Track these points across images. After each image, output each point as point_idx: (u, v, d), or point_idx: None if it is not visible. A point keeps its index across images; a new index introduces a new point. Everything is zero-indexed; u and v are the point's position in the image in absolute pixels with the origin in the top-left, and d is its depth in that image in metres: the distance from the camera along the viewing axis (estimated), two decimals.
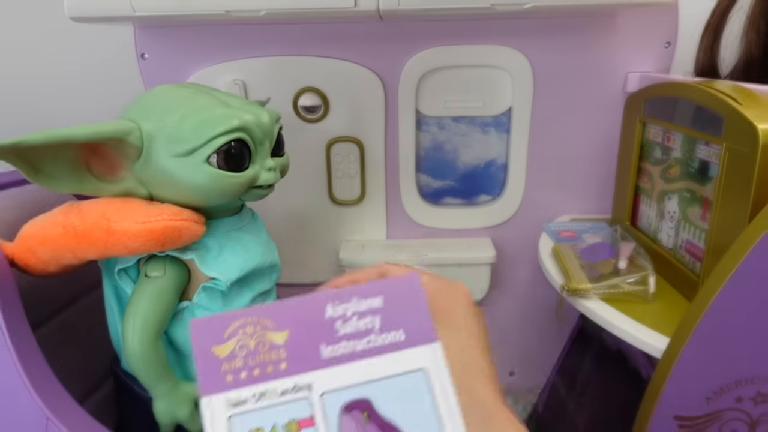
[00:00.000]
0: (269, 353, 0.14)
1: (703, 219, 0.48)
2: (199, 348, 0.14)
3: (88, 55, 0.71)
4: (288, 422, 0.14)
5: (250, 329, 0.14)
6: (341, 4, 0.52)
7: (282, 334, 0.14)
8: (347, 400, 0.14)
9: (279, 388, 0.14)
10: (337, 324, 0.15)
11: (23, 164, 0.37)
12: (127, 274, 0.45)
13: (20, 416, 0.38)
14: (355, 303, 0.15)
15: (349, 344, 0.15)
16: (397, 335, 0.15)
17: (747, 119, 0.40)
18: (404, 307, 0.15)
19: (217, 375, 0.14)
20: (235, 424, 0.14)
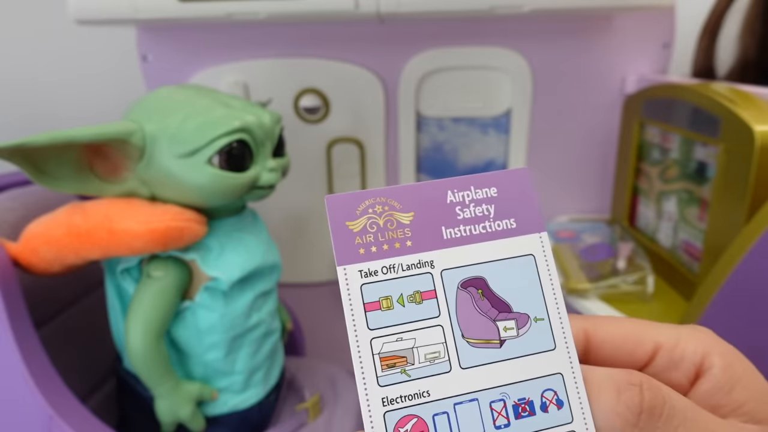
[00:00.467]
0: (396, 231, 0.16)
1: (701, 219, 0.49)
2: (335, 222, 0.15)
3: (91, 57, 0.71)
4: (413, 292, 0.16)
5: (379, 208, 0.16)
6: (342, 7, 0.53)
7: (408, 215, 0.16)
8: (464, 278, 0.16)
9: (405, 263, 0.16)
10: (457, 209, 0.16)
11: (27, 165, 0.37)
12: (130, 274, 0.45)
13: (24, 415, 0.39)
14: (472, 191, 0.16)
15: (466, 228, 0.16)
16: (509, 223, 0.16)
17: (743, 121, 0.41)
18: (516, 197, 0.17)
19: (352, 247, 0.16)
20: (367, 292, 0.15)
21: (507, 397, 0.15)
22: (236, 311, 0.46)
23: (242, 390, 0.48)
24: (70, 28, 0.55)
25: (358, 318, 0.15)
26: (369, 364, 0.15)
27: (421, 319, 0.16)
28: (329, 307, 0.79)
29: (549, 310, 0.16)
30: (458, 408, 0.15)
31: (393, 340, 0.15)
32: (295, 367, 0.61)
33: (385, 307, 0.15)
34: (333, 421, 0.52)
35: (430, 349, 0.15)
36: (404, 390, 0.15)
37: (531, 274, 0.16)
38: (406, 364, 0.15)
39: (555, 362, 0.16)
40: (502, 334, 0.16)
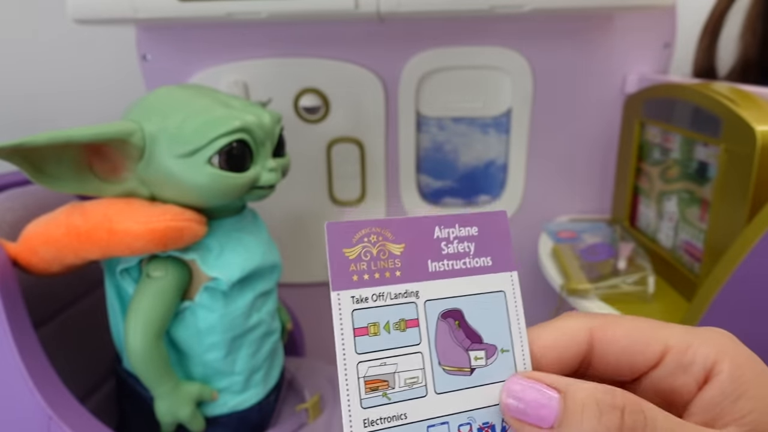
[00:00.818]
0: (388, 261, 0.17)
1: (702, 220, 0.49)
2: (333, 248, 0.17)
3: (90, 57, 0.71)
4: (398, 320, 0.17)
5: (374, 238, 0.17)
6: (342, 6, 0.52)
7: (399, 246, 0.17)
8: (444, 309, 0.17)
9: (393, 292, 0.17)
10: (443, 244, 0.18)
11: (26, 165, 0.37)
12: (129, 274, 0.45)
13: (23, 415, 0.39)
14: (457, 229, 0.18)
15: (449, 263, 0.18)
16: (486, 261, 0.18)
17: (745, 121, 0.41)
18: (494, 237, 0.18)
19: (346, 274, 0.17)
20: (357, 317, 0.17)
21: (473, 421, 0.17)
22: (236, 311, 0.45)
23: (242, 390, 0.48)
24: (70, 27, 0.55)
25: (347, 342, 0.16)
26: (354, 386, 0.16)
27: (404, 345, 0.17)
28: (329, 307, 0.78)
29: (514, 342, 0.18)
30: (431, 430, 0.17)
31: (378, 365, 0.17)
32: (295, 367, 0.61)
33: (373, 333, 0.17)
34: (333, 422, 0.52)
35: (410, 374, 0.17)
36: (384, 412, 0.16)
37: (501, 308, 0.18)
38: (387, 387, 0.17)
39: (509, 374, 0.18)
40: (472, 363, 0.17)
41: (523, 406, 0.16)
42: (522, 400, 0.16)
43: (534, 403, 0.16)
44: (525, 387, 0.17)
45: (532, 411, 0.16)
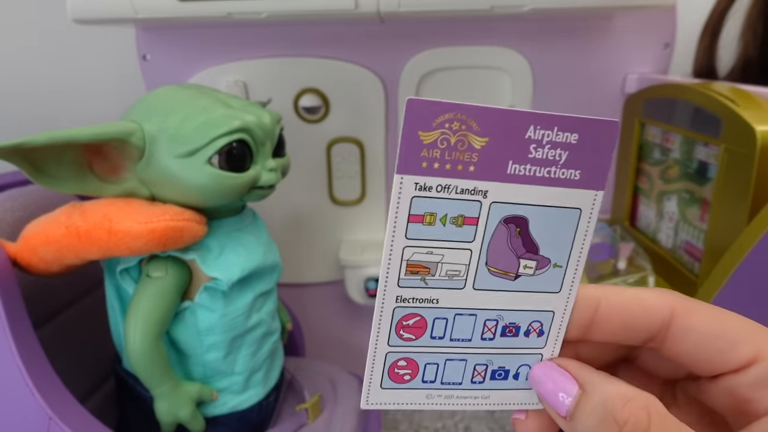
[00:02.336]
0: (464, 153, 0.15)
1: (702, 220, 0.49)
2: (409, 128, 0.15)
3: (90, 57, 0.71)
4: (457, 216, 0.16)
5: (457, 125, 0.15)
6: (342, 6, 0.52)
7: (482, 139, 0.15)
8: (509, 214, 0.16)
9: (461, 187, 0.16)
10: (532, 147, 0.16)
11: (26, 165, 0.37)
12: (129, 274, 0.45)
13: (22, 416, 0.39)
14: (554, 132, 0.16)
15: (532, 168, 0.16)
16: (574, 174, 0.16)
17: (745, 121, 0.41)
18: (592, 150, 0.16)
19: (416, 158, 0.15)
20: (416, 205, 0.16)
21: (500, 319, 0.18)
22: (236, 311, 0.45)
23: (242, 390, 0.48)
24: (69, 27, 0.55)
25: (399, 225, 0.16)
26: (396, 266, 0.17)
27: (456, 240, 0.16)
28: (329, 307, 0.78)
29: (571, 260, 0.17)
30: (457, 317, 0.18)
31: (423, 252, 0.16)
32: (295, 367, 0.61)
33: (428, 222, 0.16)
34: (333, 422, 0.52)
35: (453, 267, 0.17)
36: (418, 294, 0.17)
37: (570, 226, 0.17)
38: (427, 274, 0.17)
39: (553, 302, 0.18)
40: (520, 270, 0.17)
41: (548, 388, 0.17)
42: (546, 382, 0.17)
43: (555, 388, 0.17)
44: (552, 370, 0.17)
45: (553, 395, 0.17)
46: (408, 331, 0.17)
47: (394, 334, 0.17)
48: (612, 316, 0.17)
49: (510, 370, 0.18)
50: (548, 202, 0.16)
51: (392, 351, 0.18)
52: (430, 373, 0.18)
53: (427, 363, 0.18)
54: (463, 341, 0.18)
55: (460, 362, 0.18)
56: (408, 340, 0.18)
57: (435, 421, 0.71)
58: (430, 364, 0.18)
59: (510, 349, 0.18)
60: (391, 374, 0.18)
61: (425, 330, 0.17)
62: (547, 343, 0.18)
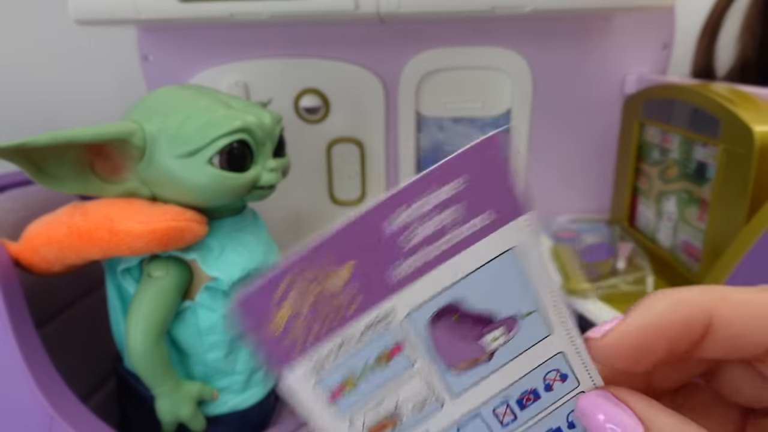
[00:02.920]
0: (332, 301, 0.13)
1: (701, 220, 0.49)
2: (254, 331, 0.13)
3: (91, 57, 0.71)
4: (375, 359, 0.13)
5: (304, 286, 0.13)
6: (342, 7, 0.53)
7: (341, 273, 0.13)
8: (433, 312, 0.13)
9: (357, 332, 0.13)
10: (404, 236, 0.13)
11: (28, 165, 0.37)
12: (130, 274, 0.45)
13: (25, 415, 0.39)
14: (422, 201, 0.12)
15: (423, 253, 0.13)
16: (487, 217, 0.13)
17: (743, 121, 0.41)
18: (492, 178, 0.12)
19: (282, 351, 0.13)
20: (324, 385, 0.13)
21: (509, 398, 0.15)
22: None
23: (243, 390, 0.48)
24: (71, 28, 0.55)
25: (323, 414, 0.14)
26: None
27: (394, 378, 0.14)
28: None
29: (540, 298, 0.14)
30: (462, 429, 0.15)
31: (371, 413, 0.14)
32: None
33: (351, 387, 0.14)
34: None
35: (416, 398, 0.14)
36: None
37: (514, 269, 0.14)
38: (396, 424, 0.14)
39: (554, 344, 0.15)
40: (489, 347, 0.14)
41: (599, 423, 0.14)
42: (597, 415, 0.14)
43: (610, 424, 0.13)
44: (607, 402, 0.14)
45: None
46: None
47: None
48: (726, 333, 0.13)
49: (561, 427, 0.15)
50: (471, 268, 0.13)
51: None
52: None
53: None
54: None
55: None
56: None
57: None
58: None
59: (543, 413, 0.15)
60: None
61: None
62: (579, 381, 0.15)
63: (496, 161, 0.13)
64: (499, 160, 0.13)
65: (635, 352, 0.14)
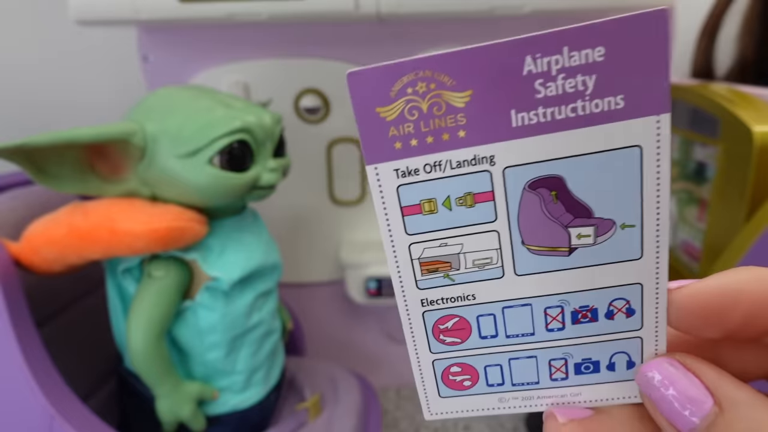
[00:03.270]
0: (445, 118, 0.12)
1: (700, 220, 0.49)
2: (360, 108, 0.12)
3: (91, 58, 0.71)
4: (463, 195, 0.13)
5: (423, 86, 0.12)
6: (342, 7, 0.53)
7: (463, 94, 0.12)
8: (534, 177, 0.12)
9: (455, 159, 0.12)
10: (537, 83, 0.12)
11: (28, 165, 0.38)
12: (131, 274, 0.45)
13: (26, 415, 0.39)
14: (565, 56, 0.11)
15: (548, 111, 0.12)
16: (614, 102, 0.12)
17: (742, 121, 0.41)
18: (633, 60, 0.11)
19: (384, 141, 0.12)
20: (405, 194, 0.13)
21: (566, 304, 0.14)
22: (237, 311, 0.46)
23: (243, 389, 0.48)
24: (71, 28, 0.55)
25: (393, 223, 0.13)
26: (407, 268, 0.14)
27: (472, 224, 0.13)
28: (329, 307, 0.79)
29: (645, 214, 0.13)
30: (507, 311, 0.14)
31: (436, 245, 0.13)
32: (296, 366, 0.62)
33: (428, 211, 0.13)
34: (333, 421, 0.52)
35: (480, 255, 0.14)
36: (446, 293, 0.14)
37: (631, 172, 0.12)
38: (450, 269, 0.14)
39: (636, 272, 0.13)
40: (573, 242, 0.13)
41: (668, 395, 0.12)
42: (667, 387, 0.13)
43: (680, 398, 0.12)
44: (678, 372, 0.13)
45: (673, 406, 0.12)
46: (449, 335, 0.15)
47: (434, 340, 0.15)
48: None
49: (600, 362, 0.15)
50: (587, 149, 0.12)
51: (438, 358, 0.15)
52: (495, 376, 0.15)
53: (486, 365, 0.15)
54: (524, 336, 0.14)
55: (529, 359, 0.15)
56: (453, 344, 0.15)
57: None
58: (491, 366, 0.15)
59: (592, 337, 0.14)
60: (446, 382, 0.15)
61: (470, 331, 0.15)
62: (643, 324, 0.14)
63: (642, 40, 0.11)
64: (651, 41, 0.11)
65: (709, 313, 0.13)
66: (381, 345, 0.80)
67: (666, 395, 0.12)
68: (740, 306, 0.12)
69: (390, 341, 0.81)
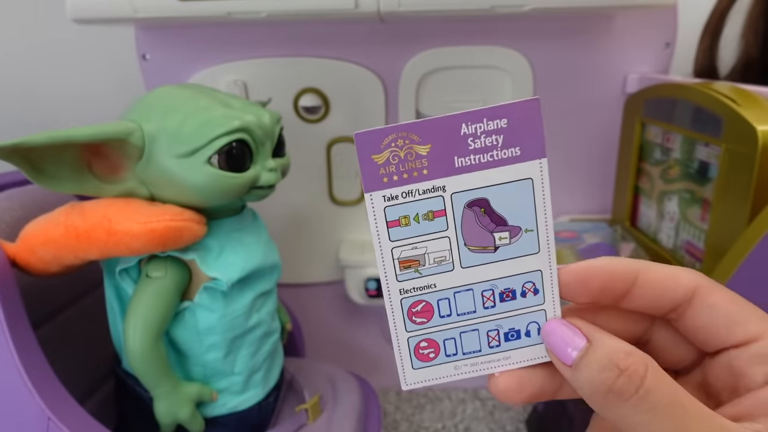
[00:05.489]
0: (415, 162, 0.19)
1: (703, 220, 0.49)
2: (363, 155, 0.19)
3: (89, 56, 0.71)
4: (427, 212, 0.19)
5: (401, 142, 0.19)
6: (342, 6, 0.52)
7: (425, 147, 0.19)
8: (470, 199, 0.19)
9: (421, 189, 0.19)
10: (469, 140, 0.19)
11: (25, 165, 0.37)
12: (129, 275, 0.45)
13: (21, 417, 0.39)
14: (484, 123, 0.19)
15: (476, 157, 0.19)
16: (514, 151, 0.19)
17: (746, 120, 0.41)
18: (524, 127, 0.19)
19: (377, 177, 0.19)
20: (389, 212, 0.19)
21: (495, 288, 0.20)
22: (236, 312, 0.45)
23: (242, 391, 0.48)
24: (69, 26, 0.55)
25: (382, 233, 0.19)
26: (390, 266, 0.20)
27: (432, 232, 0.20)
28: (329, 307, 0.78)
29: (539, 223, 0.20)
30: (457, 295, 0.20)
31: (409, 248, 0.20)
32: (295, 367, 0.61)
33: (404, 224, 0.19)
34: (333, 422, 0.52)
35: (438, 254, 0.20)
36: (417, 284, 0.20)
37: (527, 194, 0.19)
38: (419, 265, 0.20)
39: (537, 262, 0.20)
40: (497, 242, 0.20)
41: (557, 340, 0.19)
42: (556, 336, 0.19)
43: (564, 342, 0.19)
44: (563, 326, 0.19)
45: (562, 347, 0.19)
46: (419, 316, 0.20)
47: (408, 321, 0.20)
48: (647, 288, 0.19)
49: (520, 330, 0.21)
50: (500, 181, 0.19)
51: (412, 336, 0.21)
52: (451, 347, 0.21)
53: (444, 339, 0.21)
54: (469, 314, 0.20)
55: (473, 332, 0.21)
56: (422, 324, 0.21)
57: (435, 421, 0.71)
58: (447, 340, 0.21)
59: (513, 311, 0.20)
60: (417, 355, 0.21)
61: (433, 312, 0.20)
62: (545, 299, 0.20)
63: (530, 115, 0.19)
64: (532, 115, 0.19)
65: (577, 283, 0.19)
66: (381, 346, 0.80)
67: (556, 340, 0.19)
68: (596, 278, 0.19)
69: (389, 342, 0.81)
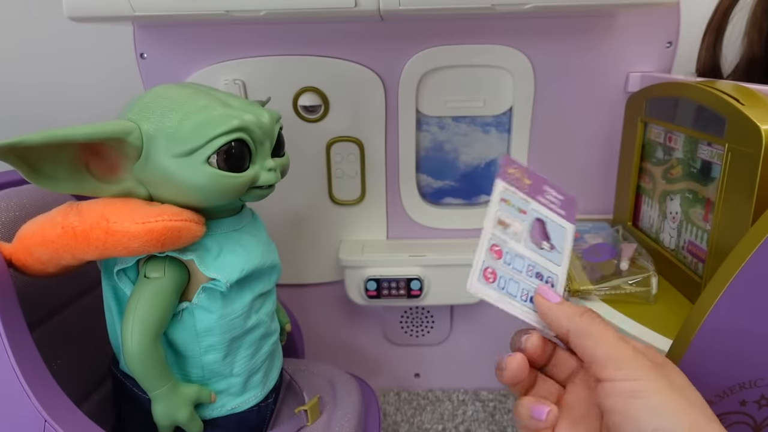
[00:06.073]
0: (521, 183, 0.35)
1: (706, 220, 0.48)
2: (503, 167, 0.35)
3: (87, 55, 0.70)
4: (519, 207, 0.34)
5: (519, 173, 0.36)
6: (341, 4, 0.52)
7: (529, 181, 0.36)
8: (538, 216, 0.35)
9: (520, 195, 0.35)
10: (546, 191, 0.36)
11: (22, 164, 0.37)
12: (126, 275, 0.44)
13: (17, 419, 0.38)
14: (553, 190, 0.37)
15: (546, 200, 0.36)
16: (562, 212, 0.36)
17: (750, 120, 0.40)
18: (569, 206, 0.37)
19: (505, 176, 0.35)
20: (503, 194, 0.34)
21: (534, 267, 0.33)
22: (235, 312, 0.45)
23: (241, 392, 0.48)
24: (66, 26, 0.55)
25: (495, 202, 0.34)
26: (493, 219, 0.33)
27: (518, 217, 0.34)
28: (329, 307, 0.78)
29: (564, 251, 0.35)
30: (516, 256, 0.33)
31: (505, 215, 0.33)
32: (294, 368, 0.61)
33: (507, 204, 0.34)
34: (332, 424, 0.51)
35: (516, 230, 0.33)
36: (500, 236, 0.33)
37: (563, 233, 0.36)
38: (505, 227, 0.33)
39: (557, 270, 0.34)
40: (542, 246, 0.34)
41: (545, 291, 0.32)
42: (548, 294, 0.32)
43: (552, 294, 0.32)
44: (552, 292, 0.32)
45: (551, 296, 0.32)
46: (494, 254, 0.32)
47: (489, 252, 0.32)
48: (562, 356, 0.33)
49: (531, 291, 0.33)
50: (553, 219, 0.36)
51: (486, 261, 0.32)
52: (502, 283, 0.32)
53: (500, 276, 0.32)
54: (518, 271, 0.32)
55: (516, 283, 0.32)
56: (494, 260, 0.32)
57: (436, 423, 0.70)
58: (502, 277, 0.32)
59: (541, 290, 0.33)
60: (484, 275, 0.31)
61: (502, 255, 0.32)
62: (555, 286, 0.34)
63: (571, 203, 0.38)
64: (572, 204, 0.38)
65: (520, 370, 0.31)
66: (381, 347, 0.79)
67: (545, 290, 0.32)
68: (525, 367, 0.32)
69: (389, 343, 0.81)
